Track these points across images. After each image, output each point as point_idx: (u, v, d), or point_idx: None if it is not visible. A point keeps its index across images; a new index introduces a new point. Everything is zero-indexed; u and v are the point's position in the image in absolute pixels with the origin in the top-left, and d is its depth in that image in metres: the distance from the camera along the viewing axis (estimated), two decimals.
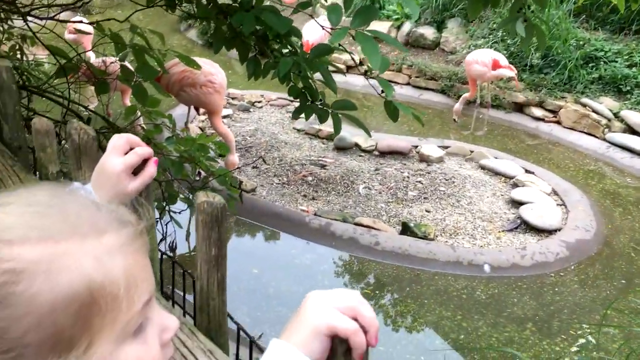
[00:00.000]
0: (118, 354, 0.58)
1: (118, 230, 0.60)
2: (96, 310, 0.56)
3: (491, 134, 6.58)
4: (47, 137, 1.13)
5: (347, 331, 0.59)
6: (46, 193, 0.61)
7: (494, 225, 4.41)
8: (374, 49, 1.27)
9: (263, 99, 6.74)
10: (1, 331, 0.53)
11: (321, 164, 5.19)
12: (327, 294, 0.63)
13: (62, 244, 0.56)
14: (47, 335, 0.54)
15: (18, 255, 0.54)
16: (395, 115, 2.01)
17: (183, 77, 4.30)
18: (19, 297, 0.53)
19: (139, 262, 0.61)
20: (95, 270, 0.56)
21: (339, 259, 4.04)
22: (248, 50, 2.14)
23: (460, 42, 7.97)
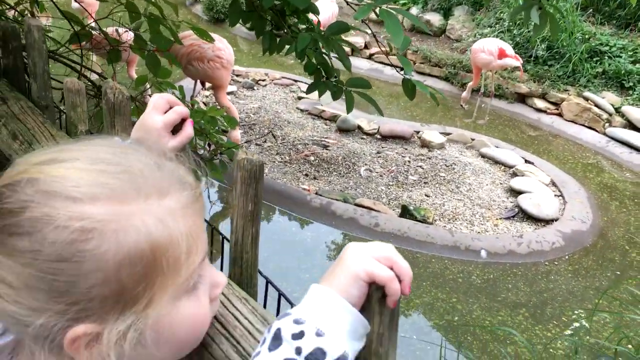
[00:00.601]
0: (174, 310, 0.62)
1: (179, 192, 0.63)
2: (158, 269, 0.59)
3: (493, 123, 6.62)
4: (78, 96, 1.16)
5: (384, 278, 0.64)
6: (110, 150, 0.63)
7: (492, 213, 4.46)
8: (397, 27, 1.30)
9: (267, 78, 6.75)
10: (69, 285, 0.56)
11: (324, 144, 5.22)
12: (366, 245, 0.67)
13: (128, 205, 0.59)
14: (112, 291, 0.57)
15: (88, 214, 0.57)
16: (413, 93, 2.05)
17: (191, 51, 4.31)
18: (88, 255, 0.56)
19: (197, 223, 0.64)
20: (158, 231, 0.59)
21: (339, 238, 4.09)
22: (264, 25, 2.16)
23: (467, 30, 7.98)
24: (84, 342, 0.58)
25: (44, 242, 0.56)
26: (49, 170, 0.59)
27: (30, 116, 1.24)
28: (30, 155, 0.63)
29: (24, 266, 0.56)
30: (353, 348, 0.63)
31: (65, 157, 0.61)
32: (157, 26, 2.62)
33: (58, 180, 0.58)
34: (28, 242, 0.56)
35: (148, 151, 0.66)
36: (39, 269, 0.56)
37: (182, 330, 0.65)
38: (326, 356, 0.60)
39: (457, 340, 3.18)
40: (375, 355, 0.65)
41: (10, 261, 0.57)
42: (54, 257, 0.56)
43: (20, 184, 0.58)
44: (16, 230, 0.56)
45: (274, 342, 0.62)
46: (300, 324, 0.62)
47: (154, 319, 0.60)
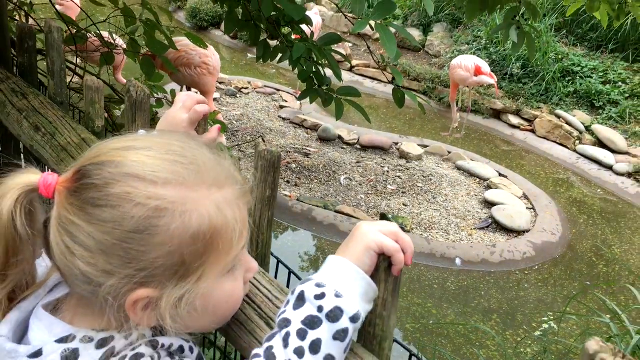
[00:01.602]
0: (218, 286, 0.73)
1: (233, 186, 0.74)
2: (213, 248, 0.70)
3: (469, 137, 6.81)
4: (97, 93, 1.24)
5: (392, 249, 0.75)
6: (180, 144, 0.73)
7: (466, 223, 4.62)
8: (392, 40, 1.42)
9: (250, 86, 6.85)
10: (141, 254, 0.67)
11: (305, 152, 5.34)
12: (375, 222, 0.78)
13: (194, 191, 0.69)
14: (174, 263, 0.68)
15: (162, 195, 0.67)
16: (402, 101, 2.17)
17: (179, 57, 4.40)
18: (159, 230, 0.66)
19: (244, 214, 0.75)
20: (217, 217, 0.70)
21: (319, 243, 4.20)
22: (259, 34, 2.28)
23: (445, 47, 8.20)
24: (142, 304, 0.68)
25: (125, 215, 0.65)
26: (127, 155, 0.69)
27: (50, 110, 1.32)
28: (107, 141, 0.74)
29: (104, 234, 0.66)
30: (365, 309, 0.74)
31: (141, 145, 0.72)
32: (153, 31, 2.71)
33: (136, 165, 0.68)
34: (110, 213, 0.66)
35: (210, 148, 0.77)
36: (117, 237, 0.66)
37: (222, 303, 0.75)
38: (344, 314, 0.71)
39: (432, 343, 3.31)
40: (379, 317, 0.76)
41: (92, 228, 0.66)
42: (132, 228, 0.65)
43: (104, 164, 0.68)
44: (100, 203, 0.66)
45: (298, 302, 0.73)
46: (321, 287, 0.73)
47: (203, 290, 0.70)
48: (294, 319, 0.72)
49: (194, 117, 1.00)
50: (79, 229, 0.66)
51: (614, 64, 7.00)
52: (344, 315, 0.71)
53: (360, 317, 0.72)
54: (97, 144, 0.74)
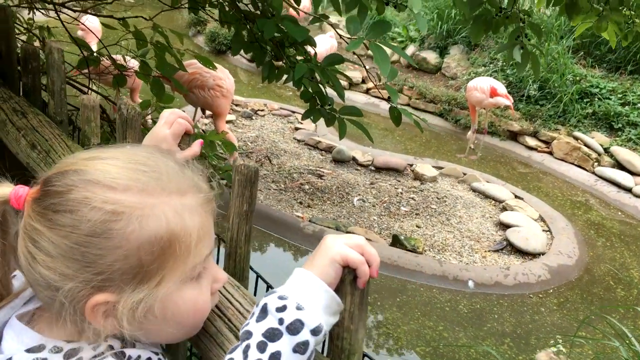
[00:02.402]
0: (180, 293, 0.74)
1: (196, 194, 0.76)
2: (171, 253, 0.71)
3: (485, 159, 6.77)
4: (92, 112, 1.27)
5: (356, 261, 0.75)
6: (144, 154, 0.76)
7: (480, 245, 4.57)
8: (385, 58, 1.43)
9: (266, 108, 6.92)
10: (98, 257, 0.68)
11: (318, 174, 5.35)
12: (340, 235, 0.79)
13: (153, 197, 0.71)
14: (131, 266, 0.69)
15: (119, 200, 0.69)
16: (399, 120, 2.18)
17: (193, 79, 4.47)
18: (115, 233, 0.68)
19: (207, 222, 0.77)
20: (175, 222, 0.71)
21: None
22: (265, 55, 2.31)
23: (462, 69, 8.20)
24: (102, 310, 0.69)
25: (82, 219, 0.67)
26: (93, 164, 0.72)
27: (47, 129, 1.36)
28: (78, 153, 0.77)
29: (62, 238, 0.68)
30: (328, 322, 0.74)
31: (107, 155, 0.74)
32: (163, 54, 2.76)
33: (99, 172, 0.70)
34: (68, 218, 0.68)
35: (175, 158, 0.79)
36: (74, 241, 0.68)
37: (185, 312, 0.75)
38: (304, 326, 0.71)
39: None
40: (347, 331, 0.76)
41: (52, 233, 0.68)
42: (88, 232, 0.67)
43: (68, 172, 0.71)
44: (60, 208, 0.68)
45: (261, 315, 0.73)
46: (283, 300, 0.73)
47: (163, 295, 0.71)
48: (255, 331, 0.72)
49: (175, 130, 1.02)
50: (41, 235, 0.68)
51: (633, 85, 6.93)
52: (304, 328, 0.71)
53: (322, 330, 0.72)
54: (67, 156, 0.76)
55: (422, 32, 8.42)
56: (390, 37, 9.15)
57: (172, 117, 1.03)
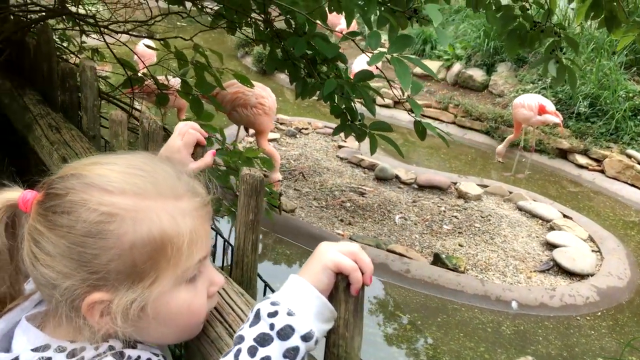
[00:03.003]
0: (173, 294, 0.76)
1: (191, 198, 0.79)
2: (164, 254, 0.74)
3: (532, 177, 6.62)
4: (120, 127, 1.33)
5: (349, 268, 0.75)
6: (142, 159, 0.80)
7: (525, 265, 4.45)
8: (406, 71, 1.44)
9: (310, 126, 6.97)
10: (93, 257, 0.72)
11: (360, 191, 5.34)
12: (334, 243, 0.79)
13: (148, 201, 0.74)
14: (125, 266, 0.72)
15: (114, 202, 0.73)
16: (423, 134, 2.17)
17: (236, 98, 4.57)
18: (109, 234, 0.71)
19: (202, 226, 0.79)
20: (169, 224, 0.74)
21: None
22: (298, 72, 2.34)
23: (509, 86, 8.07)
24: (98, 308, 0.72)
25: (78, 220, 0.71)
26: (92, 169, 0.76)
27: (79, 143, 1.42)
28: (80, 159, 0.80)
29: (60, 237, 0.72)
30: (320, 328, 0.74)
31: (107, 161, 0.79)
32: (202, 73, 2.84)
33: (97, 176, 0.74)
34: (66, 219, 0.72)
35: (173, 164, 0.82)
36: (71, 241, 0.71)
37: (179, 313, 0.77)
38: (295, 332, 0.72)
39: None
40: (342, 338, 0.76)
41: (51, 233, 0.72)
42: (84, 232, 0.71)
43: (69, 176, 0.75)
44: (59, 209, 0.72)
45: (254, 320, 0.74)
46: (275, 305, 0.74)
47: (156, 295, 0.74)
48: (247, 335, 0.73)
49: (187, 141, 1.05)
50: (42, 235, 0.72)
51: None
52: (295, 334, 0.71)
53: (314, 336, 0.73)
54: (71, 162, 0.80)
55: (443, 47, 8.37)
56: (436, 54, 9.11)
57: (185, 128, 1.06)
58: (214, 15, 2.56)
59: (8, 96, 1.88)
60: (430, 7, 1.35)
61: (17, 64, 2.15)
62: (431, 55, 9.13)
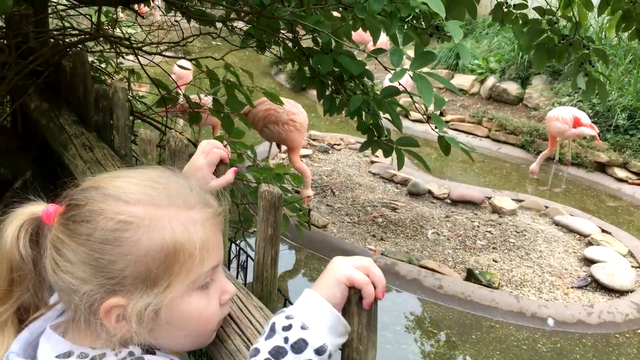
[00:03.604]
0: (186, 299, 0.79)
1: (202, 209, 0.82)
2: (177, 260, 0.77)
3: (570, 192, 6.49)
4: (149, 145, 1.37)
5: (361, 282, 0.77)
6: (158, 173, 0.85)
7: (562, 281, 4.36)
8: (428, 87, 1.45)
9: (342, 142, 7.00)
10: (110, 263, 0.75)
11: (392, 207, 5.33)
12: (347, 257, 0.81)
13: (161, 210, 0.79)
14: (140, 271, 0.76)
15: (130, 211, 0.77)
16: (448, 149, 2.16)
17: (267, 115, 4.63)
18: (126, 241, 0.76)
19: (214, 235, 0.83)
20: (181, 232, 0.78)
21: (401, 298, 4.13)
22: (325, 89, 2.38)
23: (544, 99, 7.96)
24: (115, 312, 0.76)
25: (96, 228, 0.76)
26: (110, 181, 0.81)
27: (110, 161, 1.48)
28: (100, 174, 0.85)
29: (80, 245, 0.76)
30: (333, 342, 0.76)
31: (125, 174, 0.84)
32: (233, 91, 2.89)
33: (115, 188, 0.79)
34: (85, 227, 0.76)
35: (187, 178, 0.86)
36: (90, 248, 0.75)
37: (191, 318, 0.80)
38: (308, 345, 0.73)
39: None
40: (356, 351, 0.77)
41: (71, 241, 0.77)
42: (101, 239, 0.75)
43: (89, 188, 0.80)
44: (78, 219, 0.77)
45: (270, 333, 0.76)
46: (290, 319, 0.76)
47: (170, 300, 0.77)
48: (263, 348, 0.75)
49: (211, 159, 1.08)
50: (63, 244, 0.76)
51: None
52: (308, 347, 0.73)
53: (326, 350, 0.74)
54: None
55: (465, 63, 8.32)
56: (469, 68, 9.05)
57: (208, 147, 1.09)
58: (243, 35, 2.62)
59: (45, 117, 1.97)
60: (451, 24, 1.36)
61: (54, 86, 2.24)
62: (464, 69, 9.08)
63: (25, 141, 2.82)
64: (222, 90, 3.06)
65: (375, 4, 1.41)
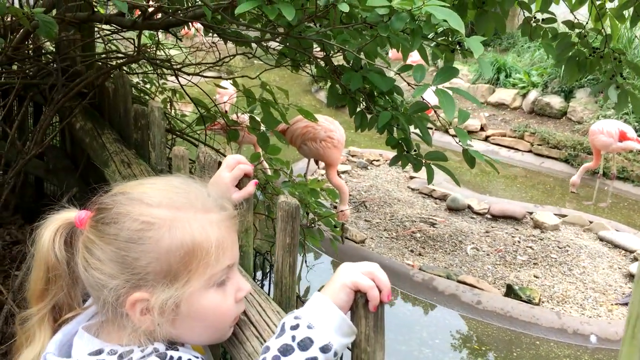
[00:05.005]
0: (204, 295, 0.86)
1: (219, 212, 0.90)
2: (195, 258, 0.84)
3: (616, 206, 6.34)
4: (182, 161, 1.45)
5: (366, 286, 0.81)
6: (179, 180, 0.94)
7: (606, 298, 4.26)
8: (450, 102, 1.48)
9: (381, 158, 7.02)
10: (134, 260, 0.83)
11: (431, 222, 5.32)
12: (354, 263, 0.85)
13: (181, 212, 0.86)
14: (162, 268, 0.83)
15: (153, 213, 0.85)
16: (473, 162, 2.17)
17: (305, 132, 4.71)
18: (149, 239, 0.83)
19: (229, 236, 0.90)
20: (199, 232, 0.85)
21: (439, 314, 4.11)
22: (356, 105, 2.43)
23: (589, 112, 7.82)
24: (139, 306, 0.83)
25: (122, 228, 0.84)
26: (136, 187, 0.90)
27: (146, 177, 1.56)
28: (128, 181, 0.93)
29: (107, 244, 0.84)
30: (339, 341, 0.81)
31: (150, 182, 0.93)
32: (268, 109, 2.98)
33: (140, 193, 0.88)
34: (113, 227, 0.84)
35: (204, 184, 0.95)
36: (116, 247, 0.83)
37: (209, 312, 0.87)
38: (313, 343, 0.79)
39: None
40: (364, 352, 0.82)
41: (100, 241, 0.85)
42: (126, 239, 0.83)
43: (117, 194, 0.89)
44: (107, 220, 0.85)
45: (280, 332, 0.82)
46: (298, 319, 0.82)
47: (189, 294, 0.84)
48: (273, 346, 0.80)
49: (235, 174, 1.15)
50: (94, 244, 0.85)
51: None
52: (313, 345, 0.78)
53: (332, 348, 0.79)
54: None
55: (485, 77, 8.24)
56: (511, 82, 8.97)
57: (232, 162, 1.16)
58: (277, 55, 2.71)
59: (89, 136, 2.08)
60: (471, 40, 1.40)
61: (98, 107, 2.37)
62: (506, 84, 9.00)
63: (72, 159, 2.97)
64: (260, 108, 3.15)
65: (397, 22, 1.46)
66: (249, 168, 1.17)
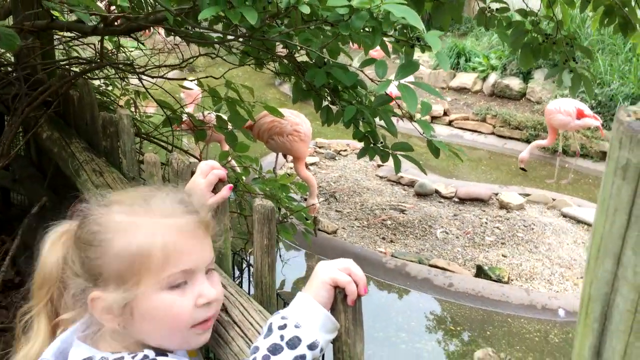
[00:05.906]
0: (156, 296, 0.90)
1: (182, 216, 0.92)
2: (143, 262, 0.88)
3: (577, 182, 6.54)
4: (154, 167, 1.47)
5: (343, 281, 0.86)
6: (149, 189, 0.98)
7: (572, 272, 4.41)
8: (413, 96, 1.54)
9: (349, 148, 7.09)
10: (91, 260, 0.89)
11: (400, 208, 5.41)
12: (330, 261, 0.90)
13: (136, 217, 0.91)
14: (114, 269, 0.88)
15: (110, 218, 0.90)
16: (437, 152, 2.25)
17: (272, 127, 4.74)
18: (103, 243, 0.88)
19: (189, 240, 0.91)
20: (153, 237, 0.89)
21: (413, 298, 4.20)
22: (322, 101, 2.47)
23: (547, 93, 8.02)
24: (99, 305, 0.88)
25: (83, 231, 0.90)
26: (113, 195, 0.96)
27: (119, 185, 1.58)
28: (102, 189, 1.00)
29: (77, 247, 0.91)
30: (324, 338, 0.85)
31: (127, 191, 1.01)
32: (234, 107, 3.00)
33: (109, 200, 0.94)
34: (79, 231, 0.92)
35: (179, 192, 0.98)
36: (78, 247, 0.91)
37: (159, 314, 0.88)
38: (301, 342, 0.83)
39: None
40: (345, 344, 0.87)
41: (74, 244, 0.92)
42: (85, 241, 0.90)
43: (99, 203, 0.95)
44: (80, 226, 0.92)
45: (267, 332, 0.86)
46: (285, 319, 0.86)
47: (141, 295, 0.87)
48: (262, 346, 0.85)
49: (210, 180, 1.18)
50: (69, 248, 0.92)
51: None
52: (301, 343, 0.83)
53: (318, 345, 0.84)
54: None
55: (444, 70, 8.41)
56: (471, 66, 9.13)
57: (206, 168, 1.19)
58: (241, 54, 2.73)
59: (57, 145, 2.08)
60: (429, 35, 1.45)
61: (63, 115, 2.36)
62: (466, 68, 9.15)
63: (39, 168, 2.95)
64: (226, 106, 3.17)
65: (358, 21, 1.51)
66: (223, 173, 1.20)
